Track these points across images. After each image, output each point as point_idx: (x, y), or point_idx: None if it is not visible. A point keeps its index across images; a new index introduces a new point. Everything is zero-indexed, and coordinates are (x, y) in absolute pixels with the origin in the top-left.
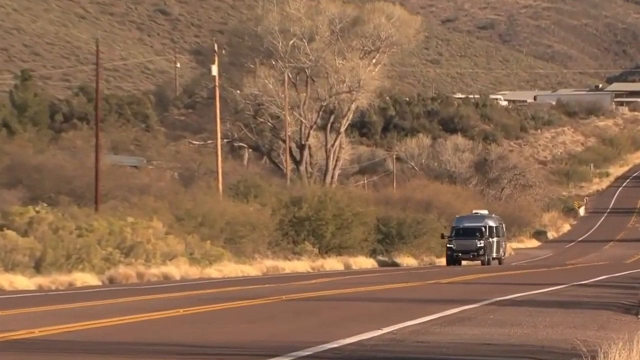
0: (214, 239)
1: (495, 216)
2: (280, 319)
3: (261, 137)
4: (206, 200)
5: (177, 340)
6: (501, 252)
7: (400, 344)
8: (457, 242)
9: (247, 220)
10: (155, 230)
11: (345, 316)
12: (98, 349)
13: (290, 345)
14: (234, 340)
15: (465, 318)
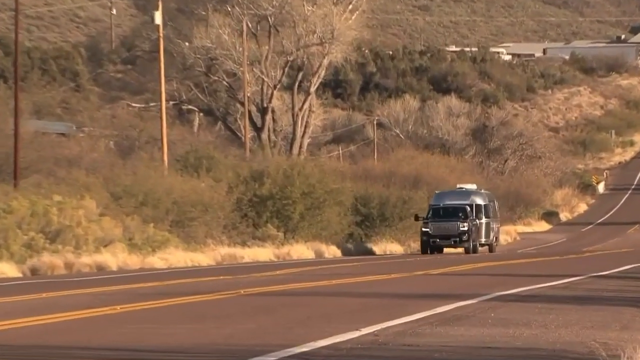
0: (158, 221)
1: (484, 192)
2: (238, 317)
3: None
4: (149, 175)
5: (112, 344)
6: (492, 236)
7: (383, 347)
8: (435, 224)
9: (198, 199)
10: (87, 211)
11: (317, 314)
12: (15, 354)
13: (248, 349)
14: (181, 344)
15: (461, 316)
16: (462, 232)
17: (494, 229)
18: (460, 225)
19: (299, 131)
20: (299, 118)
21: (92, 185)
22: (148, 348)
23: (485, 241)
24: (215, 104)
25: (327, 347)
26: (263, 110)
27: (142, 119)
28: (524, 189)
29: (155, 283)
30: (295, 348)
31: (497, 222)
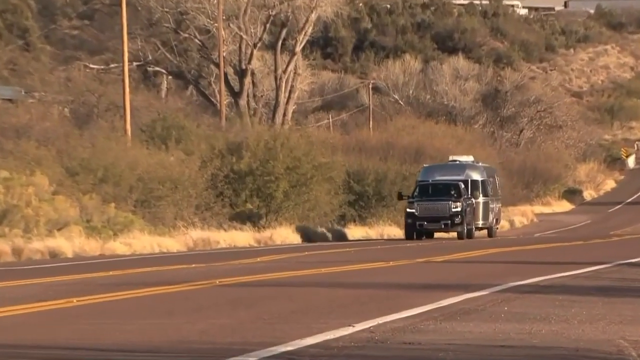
0: (120, 201)
1: (483, 165)
2: (212, 311)
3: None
4: (109, 147)
5: (67, 342)
6: (491, 219)
7: (380, 346)
8: (422, 205)
9: (166, 175)
10: (39, 188)
11: (303, 308)
12: None
13: (225, 348)
14: (147, 342)
15: (470, 310)
16: (454, 214)
17: (493, 210)
18: (453, 206)
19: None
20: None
21: (43, 158)
22: (108, 347)
23: (483, 224)
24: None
25: (315, 345)
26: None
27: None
28: (542, 163)
29: (117, 272)
30: (278, 347)
31: (497, 202)
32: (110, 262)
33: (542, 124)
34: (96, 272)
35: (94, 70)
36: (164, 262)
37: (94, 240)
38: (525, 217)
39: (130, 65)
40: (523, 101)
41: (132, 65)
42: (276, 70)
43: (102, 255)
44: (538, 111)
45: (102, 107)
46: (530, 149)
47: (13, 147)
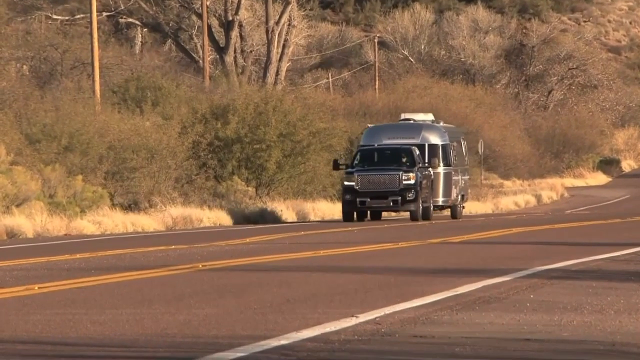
0: (88, 172)
1: (445, 126)
2: (195, 300)
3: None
4: (76, 111)
5: (28, 335)
6: (455, 194)
7: (387, 339)
8: (364, 176)
9: (141, 142)
10: None
11: (299, 296)
12: None
13: (210, 341)
14: (121, 334)
15: (490, 298)
16: (406, 188)
17: (457, 183)
18: (404, 177)
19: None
20: (275, 35)
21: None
22: (76, 340)
23: (444, 201)
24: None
25: (312, 339)
26: (227, 24)
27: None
28: (574, 129)
29: (86, 254)
30: (270, 340)
31: (463, 173)
32: (77, 244)
33: (573, 84)
34: (61, 254)
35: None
36: (139, 243)
37: (58, 218)
38: (555, 192)
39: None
40: (552, 57)
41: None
42: (267, 22)
43: (68, 235)
44: (569, 69)
45: (67, 64)
46: (560, 113)
47: None
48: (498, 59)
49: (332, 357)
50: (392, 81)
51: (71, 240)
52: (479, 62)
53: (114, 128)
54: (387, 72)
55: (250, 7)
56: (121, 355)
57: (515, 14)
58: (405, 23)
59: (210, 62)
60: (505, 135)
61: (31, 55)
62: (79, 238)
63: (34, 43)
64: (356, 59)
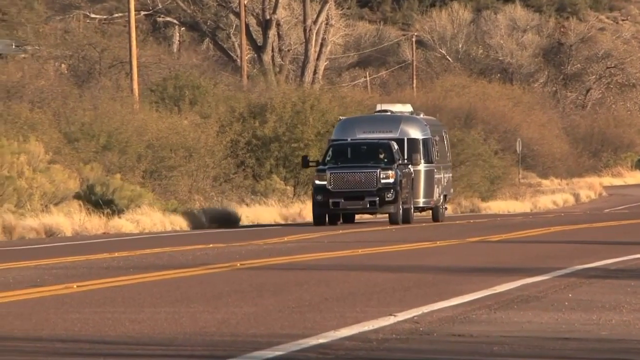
0: (126, 171)
1: (425, 118)
2: (233, 298)
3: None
4: (114, 110)
5: (66, 333)
6: (437, 194)
7: (426, 338)
8: (337, 174)
9: (179, 141)
10: (33, 157)
11: (337, 294)
12: None
13: (248, 340)
14: (159, 332)
15: (528, 297)
16: (384, 187)
17: (440, 182)
18: (382, 175)
19: (313, 52)
20: (313, 34)
21: (38, 123)
22: (114, 339)
23: (426, 202)
24: (202, 15)
25: (351, 337)
26: (265, 23)
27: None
28: (612, 128)
29: (124, 253)
30: (309, 339)
31: (446, 170)
32: (116, 242)
33: (612, 83)
34: (99, 253)
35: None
36: (177, 241)
37: (97, 216)
38: (593, 191)
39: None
40: (590, 56)
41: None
42: (305, 21)
43: (106, 233)
44: (608, 67)
45: (105, 63)
46: (598, 112)
47: (3, 110)
48: (536, 58)
49: (370, 356)
50: (430, 80)
51: (110, 239)
52: (517, 60)
53: (152, 127)
54: (424, 71)
55: (288, 5)
56: (159, 353)
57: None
58: (443, 22)
59: (248, 61)
60: (544, 134)
61: (69, 54)
62: (117, 237)
63: (73, 42)
64: (394, 58)
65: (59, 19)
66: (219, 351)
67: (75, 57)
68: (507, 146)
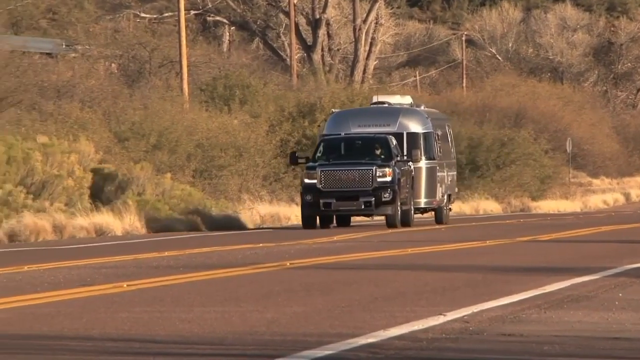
0: (176, 170)
1: (425, 110)
2: (283, 298)
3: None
4: (164, 109)
5: (117, 332)
6: (439, 194)
7: (476, 337)
8: (329, 172)
9: (229, 140)
10: (83, 156)
11: (386, 294)
12: None
13: (298, 339)
14: (209, 332)
15: (579, 297)
16: (381, 186)
17: (444, 181)
18: (378, 173)
19: (363, 51)
20: (363, 33)
21: (88, 122)
22: (164, 338)
23: (428, 203)
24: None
25: (401, 337)
26: (315, 22)
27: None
28: None
29: (174, 252)
30: (359, 338)
31: (450, 168)
32: (165, 241)
33: None
34: (149, 252)
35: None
36: (227, 241)
37: None
38: None
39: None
40: None
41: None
42: (355, 20)
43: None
44: None
45: (155, 62)
46: None
47: (53, 109)
48: (586, 57)
49: (420, 356)
50: (480, 79)
51: (159, 238)
52: (567, 60)
53: (202, 126)
54: (474, 70)
55: (338, 5)
56: (209, 352)
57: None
58: (493, 21)
59: (298, 60)
60: (594, 133)
61: (120, 53)
62: (167, 236)
63: (123, 41)
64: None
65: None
66: (269, 350)
67: (126, 57)
68: (557, 145)
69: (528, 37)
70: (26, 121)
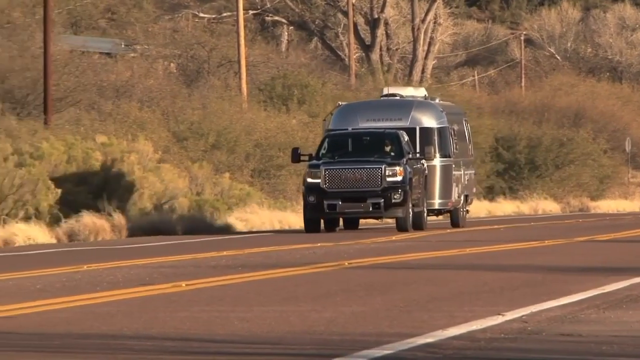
0: (235, 170)
1: (440, 104)
2: (341, 297)
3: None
4: (222, 109)
5: (176, 332)
6: (455, 195)
7: (534, 337)
8: (333, 171)
9: (287, 140)
10: (142, 156)
11: (444, 294)
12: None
13: (356, 339)
14: (267, 331)
15: (637, 297)
16: (390, 187)
17: (460, 181)
18: (388, 172)
19: (421, 50)
20: (421, 33)
21: (147, 121)
22: (224, 338)
23: (442, 204)
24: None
25: (459, 337)
26: (373, 22)
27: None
28: None
29: (233, 252)
30: (417, 338)
31: (468, 166)
32: (224, 241)
33: None
34: (208, 252)
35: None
36: (285, 240)
37: (206, 215)
38: None
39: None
40: None
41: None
42: (413, 20)
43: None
44: None
45: (214, 62)
46: None
47: (112, 109)
48: None
49: (478, 356)
50: (539, 79)
51: (218, 238)
52: (626, 59)
53: (260, 126)
54: (533, 70)
55: (396, 4)
56: (268, 352)
57: None
58: (551, 20)
59: (356, 60)
60: None
61: (178, 53)
62: (226, 235)
63: (181, 41)
64: (502, 57)
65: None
66: (328, 350)
67: (184, 56)
68: (616, 145)
69: (587, 37)
70: (85, 121)
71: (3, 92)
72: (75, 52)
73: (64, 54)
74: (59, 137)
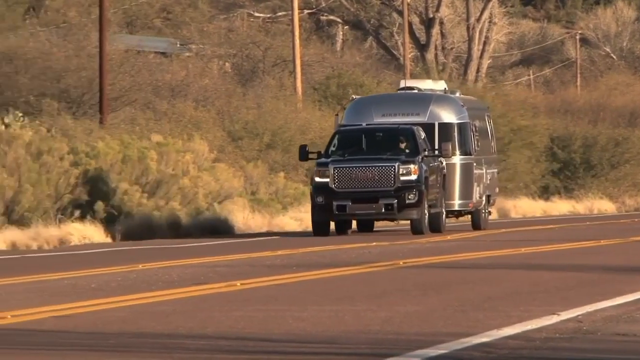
0: (290, 170)
1: (461, 97)
2: (396, 297)
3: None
4: (277, 109)
5: (230, 331)
6: (477, 195)
7: (589, 337)
8: (342, 170)
9: None
10: (197, 155)
11: (499, 293)
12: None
13: (411, 339)
14: (322, 331)
15: None
16: (405, 187)
17: (482, 180)
18: (402, 170)
19: (476, 50)
20: (476, 32)
21: (202, 121)
22: (279, 337)
23: (462, 205)
24: (365, 13)
25: (514, 336)
26: (428, 21)
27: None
28: None
29: (287, 251)
30: (472, 338)
31: (490, 165)
32: (279, 240)
33: None
34: (262, 251)
35: (259, 19)
36: (340, 240)
37: (260, 214)
38: None
39: (301, 13)
40: None
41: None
42: (468, 19)
43: (270, 231)
44: None
45: (269, 62)
46: None
47: (167, 108)
48: None
49: (533, 355)
50: (594, 78)
51: (273, 238)
52: None
53: (315, 125)
54: (588, 69)
55: (451, 4)
56: (323, 351)
57: None
58: (607, 20)
59: (411, 60)
60: None
61: (233, 52)
62: (281, 235)
63: (236, 40)
64: (557, 56)
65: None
66: (383, 349)
67: (239, 56)
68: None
69: None
70: (140, 120)
71: (59, 92)
72: (130, 51)
73: (119, 54)
74: (115, 136)
